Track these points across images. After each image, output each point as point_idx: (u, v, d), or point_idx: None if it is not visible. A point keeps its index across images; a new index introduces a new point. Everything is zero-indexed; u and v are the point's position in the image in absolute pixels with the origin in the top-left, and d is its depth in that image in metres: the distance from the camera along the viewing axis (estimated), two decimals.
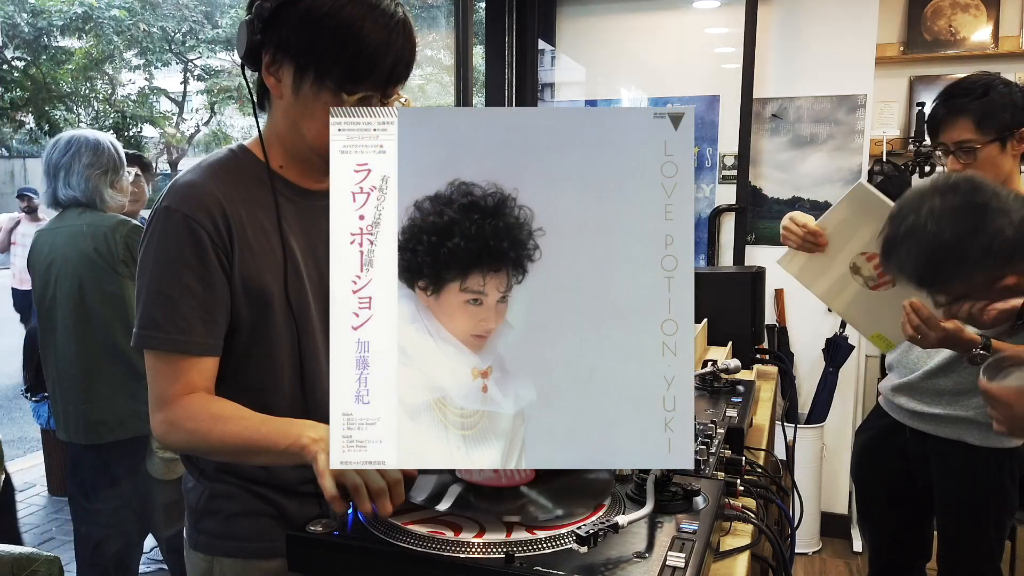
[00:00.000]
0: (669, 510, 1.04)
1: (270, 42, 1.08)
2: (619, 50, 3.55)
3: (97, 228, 2.28)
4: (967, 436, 1.85)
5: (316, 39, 1.05)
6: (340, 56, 1.05)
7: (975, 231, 1.33)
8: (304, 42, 1.06)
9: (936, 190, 1.39)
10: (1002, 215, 1.33)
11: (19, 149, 16.35)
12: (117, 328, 2.29)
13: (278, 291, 1.15)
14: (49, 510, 4.10)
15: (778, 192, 3.40)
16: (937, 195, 1.38)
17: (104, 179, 2.34)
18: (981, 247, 1.33)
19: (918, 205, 1.38)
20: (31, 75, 13.99)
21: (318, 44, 1.05)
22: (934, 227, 1.35)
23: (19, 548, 1.77)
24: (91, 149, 2.32)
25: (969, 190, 1.36)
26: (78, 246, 2.28)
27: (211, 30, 15.09)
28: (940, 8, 3.41)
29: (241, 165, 1.19)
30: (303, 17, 1.05)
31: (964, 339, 1.66)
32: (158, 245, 1.11)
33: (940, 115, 1.77)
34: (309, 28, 1.05)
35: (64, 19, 13.36)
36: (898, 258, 1.42)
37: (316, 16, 1.04)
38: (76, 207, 2.32)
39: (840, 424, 3.42)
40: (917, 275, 1.42)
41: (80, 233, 2.29)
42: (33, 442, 5.12)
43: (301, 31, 1.06)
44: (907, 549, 2.12)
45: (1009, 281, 1.40)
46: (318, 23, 1.04)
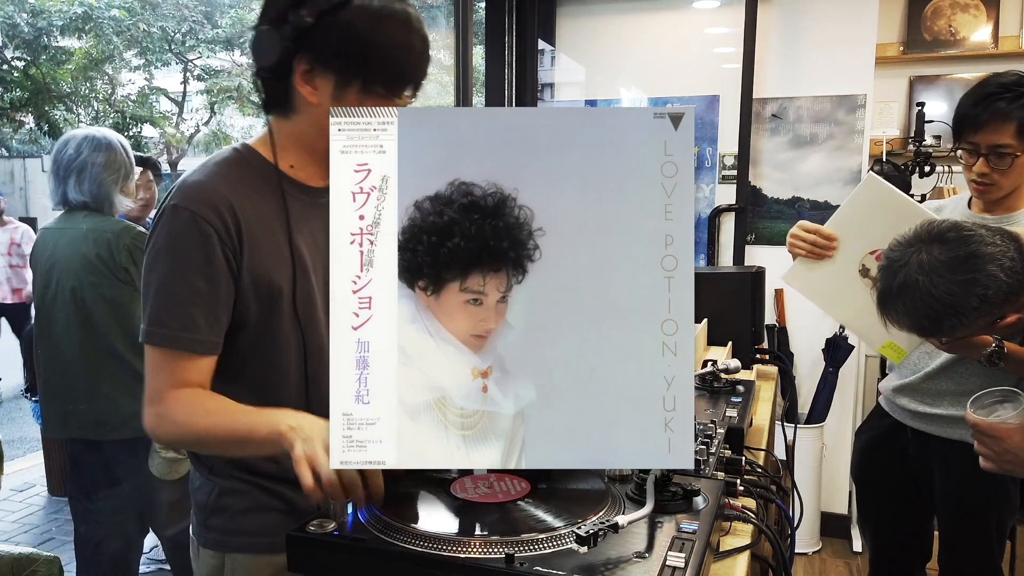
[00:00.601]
0: (669, 510, 1.04)
1: (305, 51, 1.09)
2: (619, 50, 3.55)
3: (100, 233, 2.27)
4: (968, 436, 1.84)
5: (361, 51, 1.09)
6: (387, 65, 1.10)
7: (969, 283, 1.32)
8: (350, 54, 1.09)
9: (921, 240, 1.38)
10: (993, 261, 1.32)
11: (19, 149, 16.34)
12: (117, 332, 2.29)
13: (287, 290, 1.15)
14: (49, 510, 4.10)
15: (778, 192, 3.40)
16: (923, 248, 1.37)
17: (116, 184, 2.33)
18: (977, 297, 1.32)
19: (908, 259, 1.38)
20: (31, 75, 13.99)
21: (364, 56, 1.09)
22: (927, 283, 1.34)
23: (19, 548, 1.77)
24: (105, 151, 2.30)
25: (957, 240, 1.35)
26: (80, 249, 2.27)
27: (211, 30, 15.08)
28: (940, 8, 3.41)
29: (247, 164, 1.19)
30: (346, 31, 1.08)
31: (974, 342, 1.65)
32: (166, 243, 1.11)
33: (976, 115, 1.70)
34: (354, 41, 1.08)
35: (64, 19, 13.35)
36: (895, 312, 1.41)
37: (360, 30, 1.08)
38: (82, 210, 2.31)
39: (840, 424, 3.42)
40: (917, 328, 1.42)
41: (83, 237, 2.28)
42: (33, 442, 5.12)
43: (345, 43, 1.09)
44: (908, 549, 2.12)
45: (1010, 319, 1.40)
46: (362, 36, 1.08)
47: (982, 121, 1.69)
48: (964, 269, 1.33)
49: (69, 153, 2.29)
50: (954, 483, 1.91)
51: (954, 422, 1.86)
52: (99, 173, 2.29)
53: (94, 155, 2.29)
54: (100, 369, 2.31)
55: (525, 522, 0.98)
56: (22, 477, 4.49)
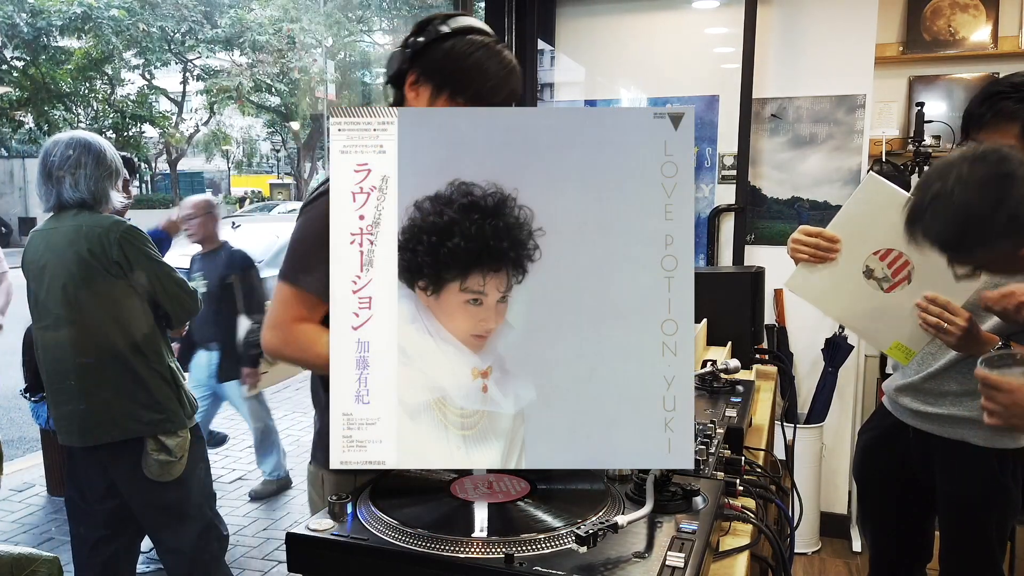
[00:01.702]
0: (668, 510, 1.04)
1: (415, 68, 1.39)
2: (618, 50, 3.55)
3: (91, 229, 2.26)
4: (970, 437, 1.85)
5: (454, 71, 1.36)
6: (470, 84, 1.36)
7: (1000, 199, 1.34)
8: (445, 72, 1.37)
9: (964, 159, 1.41)
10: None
11: (18, 149, 16.34)
12: (111, 329, 2.28)
13: None
14: (48, 510, 4.09)
15: (777, 192, 3.40)
16: (965, 163, 1.39)
17: (110, 180, 2.33)
18: (1007, 214, 1.34)
19: (946, 173, 1.40)
20: (30, 75, 13.99)
21: (457, 74, 1.36)
22: (961, 193, 1.37)
23: (19, 548, 1.77)
24: (96, 151, 2.31)
25: (996, 160, 1.38)
26: (72, 247, 2.26)
27: (210, 30, 15.09)
28: (939, 8, 3.41)
29: None
30: (446, 54, 1.37)
31: (982, 339, 1.65)
32: (314, 214, 1.33)
33: (981, 114, 1.70)
34: (449, 63, 1.36)
35: (63, 19, 13.36)
36: (923, 224, 1.43)
37: (455, 55, 1.37)
38: (73, 208, 2.31)
39: (839, 424, 3.42)
40: (941, 240, 1.43)
41: (74, 234, 2.27)
42: (32, 442, 5.12)
43: (443, 64, 1.37)
44: (908, 549, 2.11)
45: None
46: (456, 60, 1.36)
47: (986, 120, 1.69)
48: (998, 187, 1.35)
49: (59, 155, 2.29)
50: (955, 484, 1.91)
51: (956, 422, 1.86)
52: (94, 171, 2.29)
53: (86, 154, 2.29)
54: (94, 369, 2.30)
55: (524, 522, 0.98)
56: (21, 477, 4.49)
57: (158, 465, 2.32)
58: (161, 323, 2.39)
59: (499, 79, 1.38)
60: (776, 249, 3.41)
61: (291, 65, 17.59)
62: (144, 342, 2.32)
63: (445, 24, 1.39)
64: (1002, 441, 1.83)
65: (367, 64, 20.01)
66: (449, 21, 1.40)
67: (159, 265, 2.33)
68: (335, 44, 18.68)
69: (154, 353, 2.34)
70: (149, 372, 2.32)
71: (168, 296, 2.34)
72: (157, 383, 2.33)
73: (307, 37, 17.35)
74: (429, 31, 1.40)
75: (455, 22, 1.40)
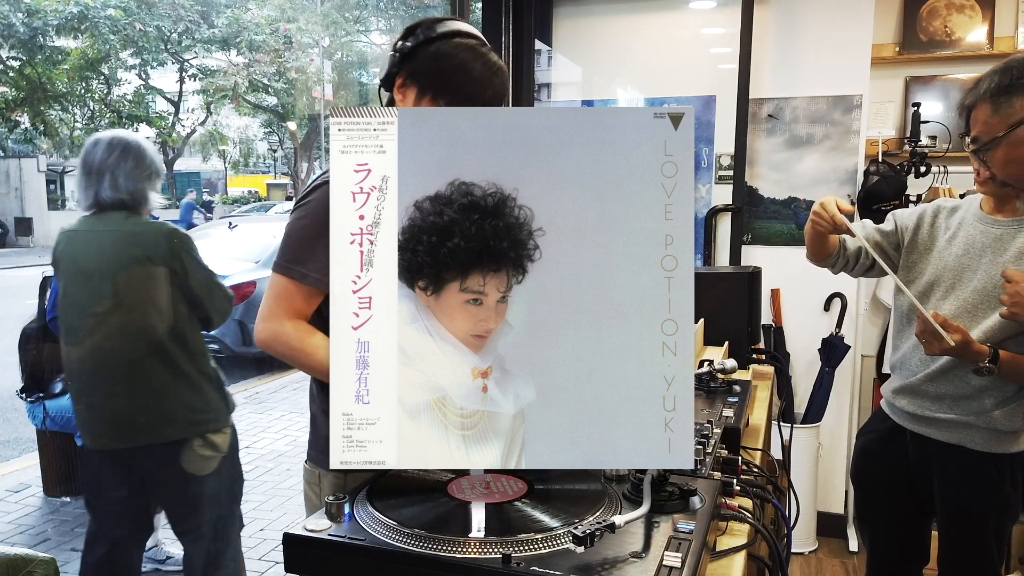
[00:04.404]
0: (666, 510, 1.04)
1: (404, 70, 1.42)
2: (616, 50, 3.55)
3: (141, 235, 2.26)
4: (968, 441, 1.85)
5: (437, 72, 1.39)
6: (454, 86, 1.38)
7: None
8: (428, 73, 1.40)
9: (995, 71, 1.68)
10: None
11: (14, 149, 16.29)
12: (163, 333, 2.29)
13: None
14: (44, 511, 4.08)
15: (774, 192, 3.41)
16: None
17: (149, 181, 2.33)
18: None
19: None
20: (26, 75, 13.96)
21: (438, 76, 1.39)
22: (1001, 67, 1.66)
23: (15, 549, 1.76)
24: (136, 151, 2.31)
25: None
26: (126, 251, 2.25)
27: (207, 30, 15.08)
28: (936, 9, 3.42)
29: None
30: (431, 56, 1.39)
31: (973, 351, 1.67)
32: (314, 205, 1.33)
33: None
34: (433, 64, 1.39)
35: (59, 19, 13.33)
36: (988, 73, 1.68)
37: (439, 56, 1.39)
38: (116, 210, 2.29)
39: (836, 424, 3.42)
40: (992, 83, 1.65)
41: (124, 237, 2.27)
42: (29, 443, 5.10)
43: (427, 65, 1.40)
44: (906, 552, 2.11)
45: None
46: (440, 61, 1.39)
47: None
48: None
49: (101, 153, 2.28)
50: (954, 488, 1.91)
51: (953, 426, 1.86)
52: (133, 171, 2.29)
53: (126, 154, 2.29)
54: (143, 372, 2.30)
55: (522, 522, 0.98)
56: (17, 478, 4.47)
57: (203, 460, 2.34)
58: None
59: (482, 81, 1.40)
60: (773, 249, 3.41)
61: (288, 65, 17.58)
62: (192, 345, 2.34)
63: (432, 28, 1.42)
64: (1000, 446, 1.83)
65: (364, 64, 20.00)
66: (436, 25, 1.43)
67: (209, 272, 2.36)
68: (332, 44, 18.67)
69: (200, 355, 2.36)
70: (198, 374, 2.34)
71: (213, 300, 2.37)
72: (204, 384, 2.35)
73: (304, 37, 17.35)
74: (417, 35, 1.43)
75: (442, 26, 1.42)
